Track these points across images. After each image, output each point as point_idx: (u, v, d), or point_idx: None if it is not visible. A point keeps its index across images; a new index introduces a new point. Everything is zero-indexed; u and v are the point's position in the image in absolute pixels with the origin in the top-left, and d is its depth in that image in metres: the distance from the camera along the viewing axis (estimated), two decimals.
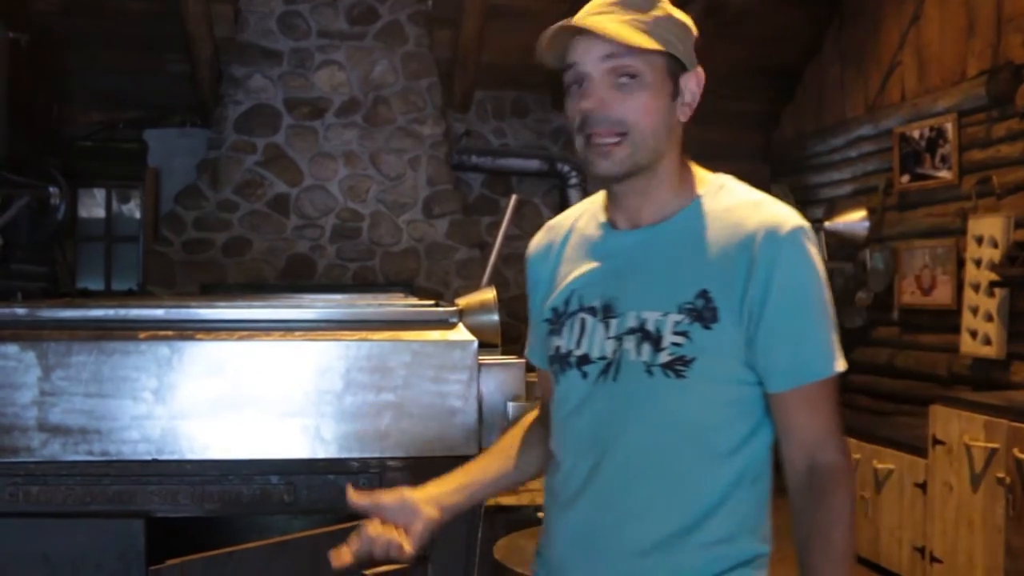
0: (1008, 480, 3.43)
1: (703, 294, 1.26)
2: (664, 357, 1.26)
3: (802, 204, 6.85)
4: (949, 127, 5.13)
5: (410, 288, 6.00)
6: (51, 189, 5.11)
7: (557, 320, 1.39)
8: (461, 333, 1.43)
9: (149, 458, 1.41)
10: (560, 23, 1.31)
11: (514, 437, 1.48)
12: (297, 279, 6.06)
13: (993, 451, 3.48)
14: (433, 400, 1.37)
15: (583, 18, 1.31)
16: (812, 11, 6.55)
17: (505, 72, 6.72)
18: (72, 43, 6.10)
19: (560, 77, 1.39)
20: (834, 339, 1.29)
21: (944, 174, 5.19)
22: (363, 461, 1.39)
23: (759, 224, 1.28)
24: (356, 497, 1.32)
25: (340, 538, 1.36)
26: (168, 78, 6.33)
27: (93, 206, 6.78)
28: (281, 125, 6.12)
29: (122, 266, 6.66)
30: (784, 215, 1.31)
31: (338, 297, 2.02)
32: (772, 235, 1.27)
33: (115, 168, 6.49)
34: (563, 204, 6.83)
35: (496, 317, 1.63)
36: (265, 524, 1.64)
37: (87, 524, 1.38)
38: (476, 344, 1.34)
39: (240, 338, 1.41)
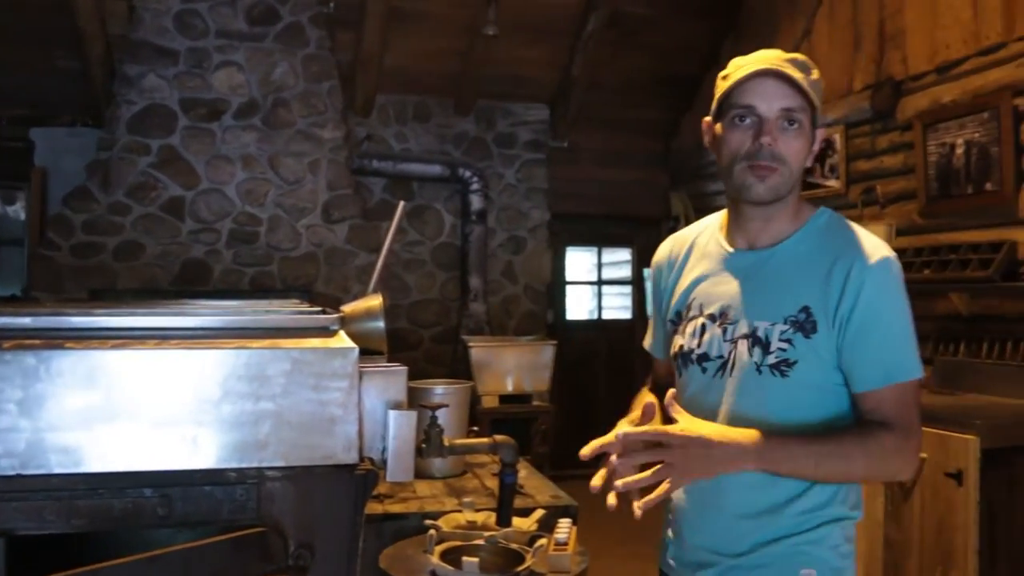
0: None
1: (805, 309, 1.53)
2: (771, 359, 1.53)
3: (700, 211, 7.01)
4: (837, 138, 5.32)
5: (308, 294, 5.91)
6: None
7: (680, 321, 1.70)
8: (342, 341, 1.42)
9: (13, 473, 1.34)
10: (765, 67, 1.54)
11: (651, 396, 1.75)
12: (192, 284, 5.91)
13: None
14: (313, 408, 1.34)
15: (778, 67, 1.54)
16: (711, 23, 6.71)
17: (407, 76, 6.70)
18: None
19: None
20: (915, 351, 1.54)
21: (833, 183, 5.38)
22: (241, 471, 1.35)
23: (854, 253, 1.54)
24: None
25: (215, 551, 1.33)
26: (57, 75, 6.09)
27: None
28: (176, 126, 5.96)
29: (5, 271, 6.38)
30: (876, 247, 1.55)
31: (218, 304, 1.96)
32: (864, 263, 1.52)
33: None
34: (464, 209, 6.84)
35: (382, 324, 1.62)
36: (152, 539, 1.58)
37: None
38: (357, 352, 1.32)
39: (113, 347, 1.35)
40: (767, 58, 1.56)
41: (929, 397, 4.00)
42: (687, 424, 1.47)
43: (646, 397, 1.77)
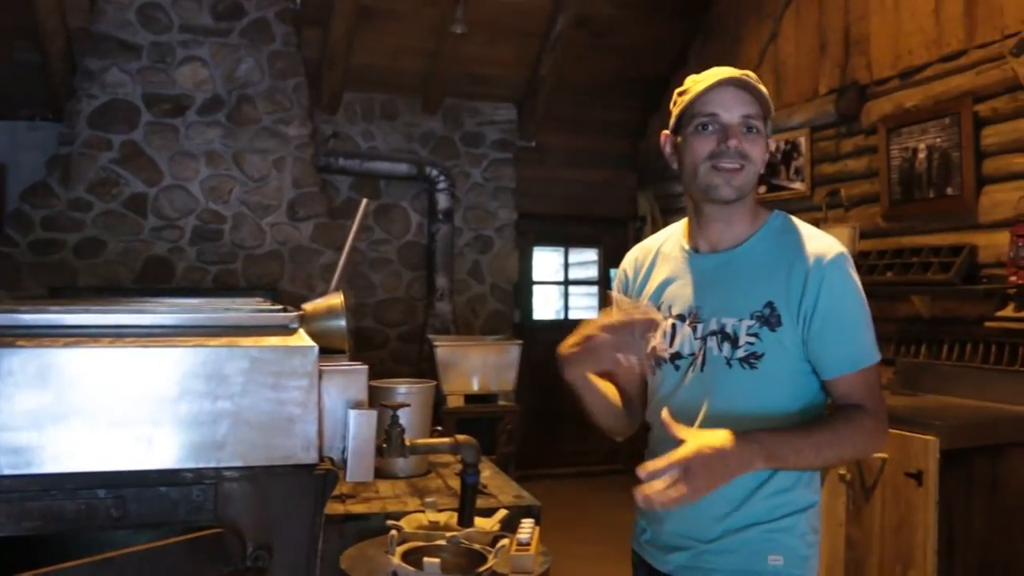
0: (848, 477, 3.60)
1: (769, 304, 1.63)
2: (740, 353, 1.63)
3: (666, 212, 7.04)
4: (803, 141, 5.36)
5: (273, 292, 5.86)
6: None
7: None
8: (302, 339, 1.39)
9: None
10: (724, 77, 1.65)
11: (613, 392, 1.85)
12: (155, 282, 5.83)
13: None
14: (272, 408, 1.32)
15: (742, 79, 1.65)
16: (679, 24, 6.74)
17: (375, 74, 6.66)
18: None
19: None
20: (874, 336, 1.65)
21: (798, 186, 5.42)
22: (198, 472, 1.33)
23: (811, 252, 1.65)
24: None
25: (170, 553, 1.30)
26: (16, 67, 5.97)
27: None
28: (139, 122, 5.87)
29: None
30: (829, 244, 1.67)
31: (176, 301, 1.93)
32: (820, 260, 1.63)
33: None
34: (431, 208, 6.81)
35: (343, 322, 1.60)
36: (111, 542, 1.55)
37: None
38: (316, 350, 1.30)
39: (65, 345, 1.32)
40: (723, 72, 1.67)
41: (890, 398, 4.04)
42: (698, 441, 1.48)
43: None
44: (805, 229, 1.71)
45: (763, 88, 1.68)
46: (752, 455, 1.49)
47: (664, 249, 1.84)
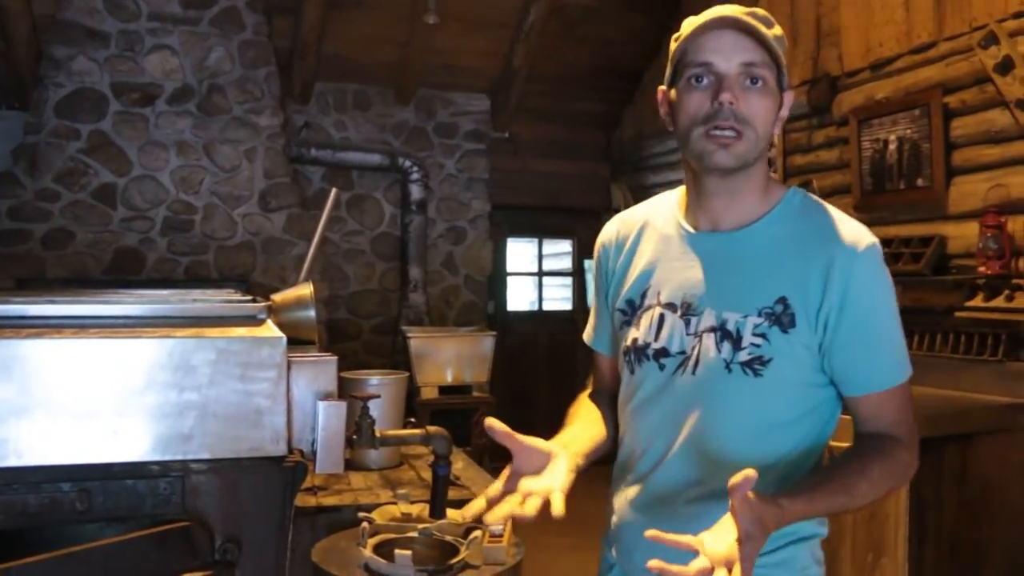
0: None
1: (782, 300, 1.35)
2: (744, 356, 1.35)
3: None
4: (776, 132, 5.38)
5: (246, 283, 5.81)
6: None
7: (632, 312, 1.50)
8: (270, 330, 1.37)
9: None
10: (720, 16, 1.36)
11: (592, 410, 1.60)
12: (125, 274, 5.75)
13: None
14: (240, 399, 1.30)
15: (742, 20, 1.36)
16: (654, 15, 6.74)
17: (347, 64, 6.62)
18: None
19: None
20: (905, 346, 1.40)
21: (771, 177, 5.44)
22: (164, 464, 1.31)
23: (837, 240, 1.36)
24: (496, 426, 1.34)
25: (137, 547, 1.28)
26: None
27: None
28: (107, 111, 5.79)
29: None
30: (860, 233, 1.38)
31: (143, 292, 1.90)
32: (850, 252, 1.35)
33: None
34: (404, 199, 6.78)
35: (312, 313, 1.58)
36: (80, 536, 1.52)
37: None
38: (285, 341, 1.28)
39: (28, 335, 1.30)
40: (722, 8, 1.38)
41: None
42: (756, 506, 1.16)
43: (583, 409, 1.62)
44: (830, 211, 1.43)
45: (773, 31, 1.38)
46: (807, 513, 1.27)
47: (653, 222, 1.54)
